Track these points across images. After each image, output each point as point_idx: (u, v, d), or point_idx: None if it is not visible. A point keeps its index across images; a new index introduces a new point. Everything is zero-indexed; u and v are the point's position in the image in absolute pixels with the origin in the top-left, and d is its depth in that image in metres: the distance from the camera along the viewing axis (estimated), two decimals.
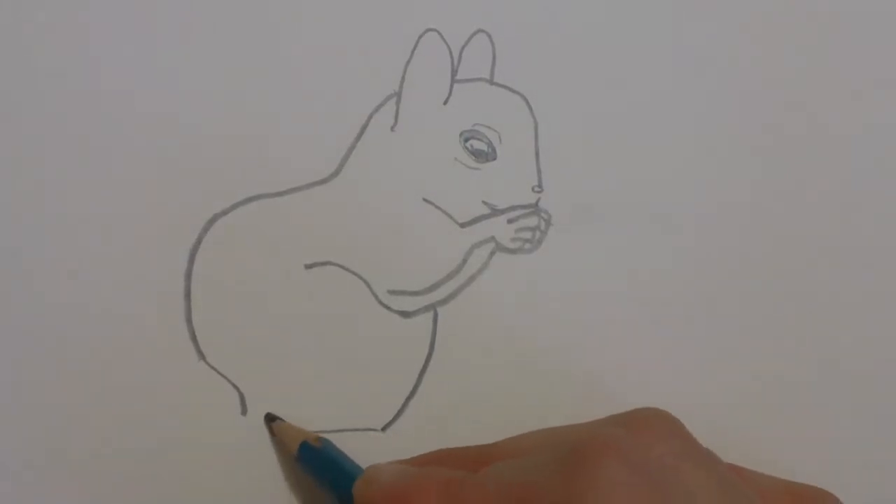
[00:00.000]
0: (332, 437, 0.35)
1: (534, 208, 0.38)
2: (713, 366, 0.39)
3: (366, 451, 0.35)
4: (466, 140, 0.38)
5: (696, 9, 0.41)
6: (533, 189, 0.38)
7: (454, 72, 0.38)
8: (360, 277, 0.36)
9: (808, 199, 0.41)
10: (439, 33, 0.38)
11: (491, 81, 0.39)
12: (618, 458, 0.27)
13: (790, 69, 0.42)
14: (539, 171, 0.39)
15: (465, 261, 0.37)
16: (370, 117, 0.37)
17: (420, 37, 0.38)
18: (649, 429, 0.29)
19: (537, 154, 0.39)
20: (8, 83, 0.35)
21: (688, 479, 0.28)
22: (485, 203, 0.38)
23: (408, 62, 0.38)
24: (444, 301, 0.37)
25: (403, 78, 0.38)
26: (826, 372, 0.40)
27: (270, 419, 0.35)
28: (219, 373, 0.35)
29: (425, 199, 0.37)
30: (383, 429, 0.36)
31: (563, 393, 0.37)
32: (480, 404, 0.37)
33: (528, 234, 0.38)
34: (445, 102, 0.38)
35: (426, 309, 0.37)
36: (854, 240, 0.41)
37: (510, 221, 0.38)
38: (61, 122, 0.35)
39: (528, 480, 0.27)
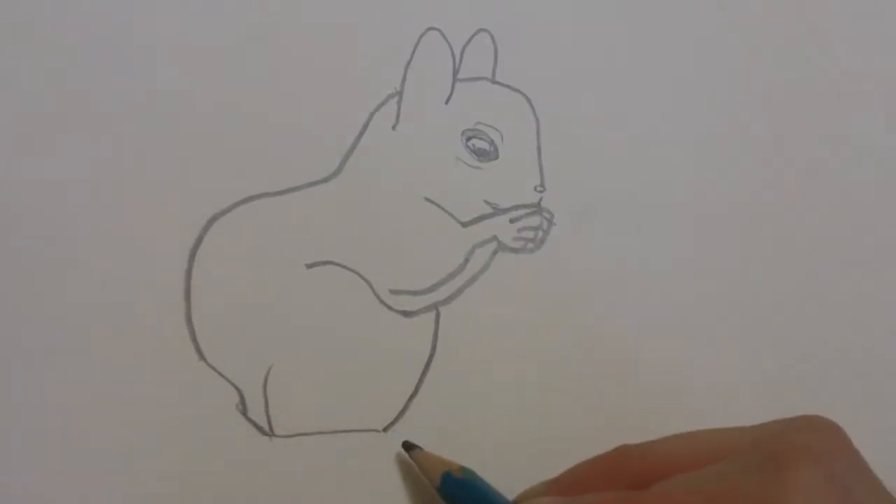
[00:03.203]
0: (333, 438, 0.35)
1: (536, 208, 0.38)
2: (715, 364, 0.39)
3: (367, 452, 0.35)
4: (468, 139, 0.38)
5: (698, 9, 0.42)
6: (535, 188, 0.38)
7: (456, 71, 0.38)
8: (362, 277, 0.36)
9: (808, 198, 0.41)
10: (441, 32, 0.38)
11: (493, 80, 0.39)
12: (814, 463, 0.27)
13: (791, 69, 0.42)
14: (541, 171, 0.39)
15: (467, 260, 0.37)
16: (371, 116, 0.37)
17: (421, 36, 0.38)
18: (831, 438, 0.29)
19: (539, 153, 0.39)
20: (8, 83, 0.35)
21: (866, 493, 0.28)
22: (487, 202, 0.38)
23: (409, 61, 0.38)
24: (446, 301, 0.37)
25: (405, 77, 0.38)
26: (827, 370, 0.40)
27: (409, 447, 0.34)
28: (219, 373, 0.35)
29: (427, 199, 0.37)
30: (385, 429, 0.36)
31: (565, 392, 0.37)
32: (482, 404, 0.36)
33: (530, 234, 0.38)
34: (447, 101, 0.38)
35: (428, 308, 0.37)
36: (855, 239, 0.41)
37: (512, 221, 0.38)
38: (61, 121, 0.35)
39: (721, 487, 0.27)
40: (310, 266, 0.36)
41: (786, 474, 0.27)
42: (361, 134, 0.37)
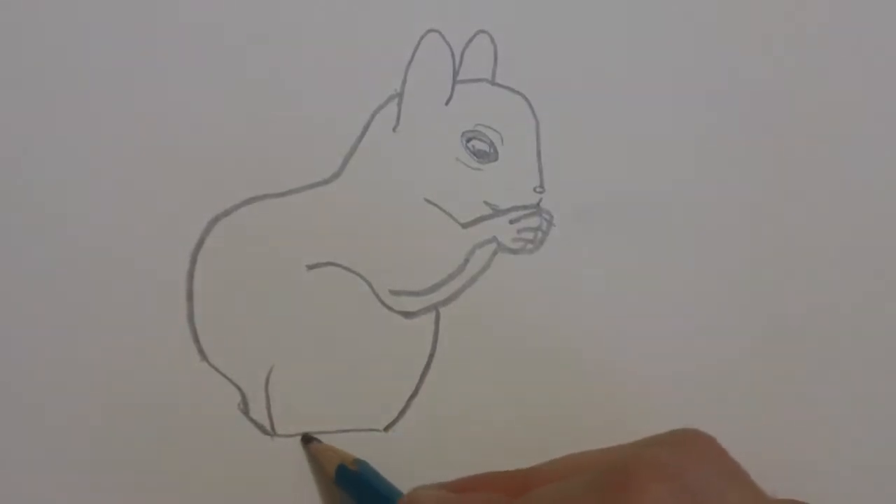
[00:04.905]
0: (334, 438, 0.35)
1: (535, 209, 0.38)
2: (716, 365, 0.39)
3: (368, 452, 0.35)
4: (468, 140, 0.38)
5: (697, 9, 0.42)
6: (535, 189, 0.38)
7: (455, 72, 0.38)
8: (362, 278, 0.36)
9: (808, 198, 0.41)
10: (441, 34, 0.38)
11: (492, 82, 0.39)
12: (661, 479, 0.26)
13: (790, 70, 0.42)
14: (541, 172, 0.39)
15: (466, 261, 0.37)
16: (372, 118, 0.37)
17: (422, 38, 0.38)
18: (691, 450, 0.28)
19: (539, 154, 0.39)
20: (9, 84, 0.35)
21: (730, 501, 0.27)
22: (486, 203, 0.38)
23: (409, 63, 0.38)
24: (446, 301, 0.37)
25: (405, 78, 0.38)
26: (828, 370, 0.40)
27: (307, 440, 0.35)
28: (221, 373, 0.35)
29: (427, 200, 0.37)
30: (386, 429, 0.36)
31: (566, 392, 0.37)
32: (482, 404, 0.37)
33: (529, 235, 0.38)
34: (447, 103, 0.38)
35: (428, 309, 0.37)
36: (855, 238, 0.41)
37: (512, 222, 0.38)
38: (62, 122, 0.35)
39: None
40: (311, 267, 0.36)
41: (629, 492, 0.26)
42: (362, 135, 0.37)
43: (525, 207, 0.38)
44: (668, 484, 0.26)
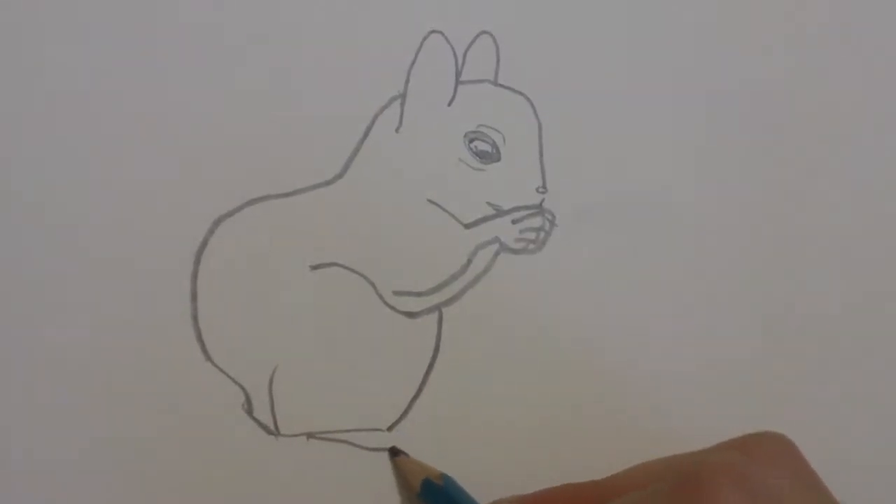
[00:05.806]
0: (337, 437, 0.35)
1: (538, 209, 0.38)
2: (716, 365, 0.39)
3: (371, 451, 0.35)
4: (471, 141, 0.38)
5: (698, 10, 0.42)
6: (537, 190, 0.39)
7: (458, 73, 0.38)
8: (366, 278, 0.36)
9: (808, 198, 0.41)
10: (443, 35, 0.38)
11: (495, 83, 0.39)
12: (732, 484, 0.27)
13: (790, 70, 0.42)
14: (543, 172, 0.39)
15: (469, 261, 0.37)
16: (375, 119, 0.37)
17: (424, 39, 0.38)
18: (764, 453, 0.28)
19: (541, 155, 0.39)
20: (10, 85, 0.35)
21: None
22: (489, 204, 0.38)
23: (412, 64, 0.38)
24: (449, 302, 0.37)
25: (408, 80, 0.38)
26: (828, 370, 0.40)
27: (394, 453, 0.35)
28: (225, 373, 0.35)
29: (430, 201, 0.37)
30: (389, 429, 0.36)
31: (568, 392, 0.37)
32: (485, 404, 0.37)
33: (532, 235, 0.38)
34: (449, 104, 0.38)
35: (431, 310, 0.37)
36: (855, 239, 0.41)
37: (514, 222, 0.38)
38: (65, 123, 0.35)
39: None
40: (314, 268, 0.36)
41: (700, 498, 0.26)
42: (365, 136, 0.37)
43: (527, 208, 0.38)
44: (738, 488, 0.26)
